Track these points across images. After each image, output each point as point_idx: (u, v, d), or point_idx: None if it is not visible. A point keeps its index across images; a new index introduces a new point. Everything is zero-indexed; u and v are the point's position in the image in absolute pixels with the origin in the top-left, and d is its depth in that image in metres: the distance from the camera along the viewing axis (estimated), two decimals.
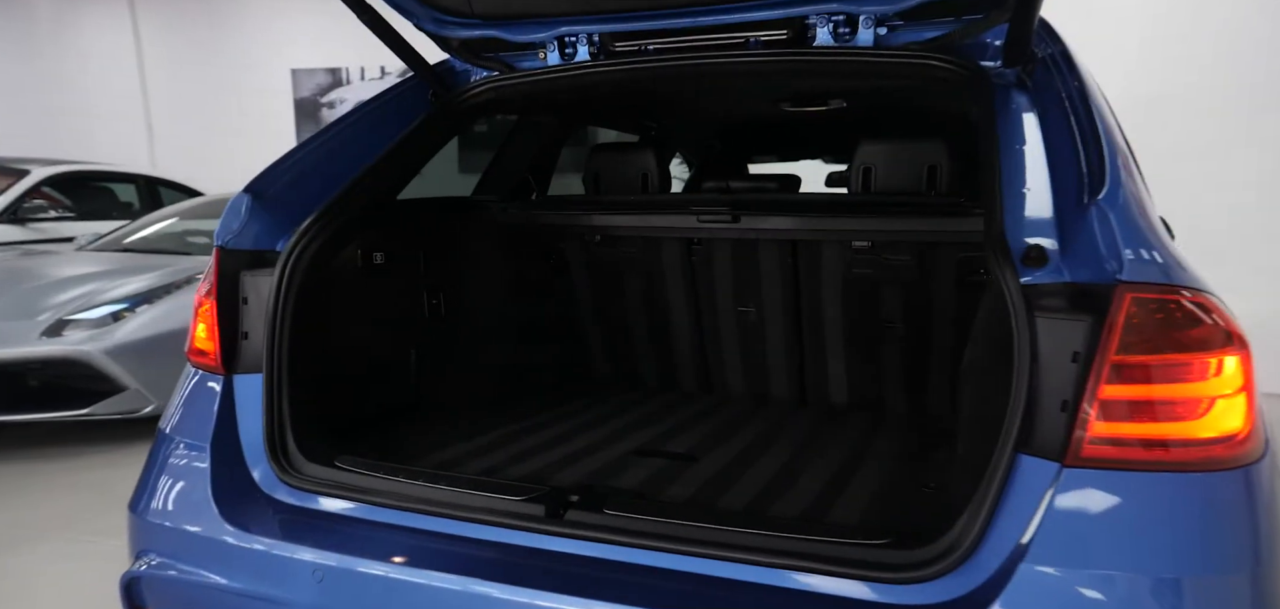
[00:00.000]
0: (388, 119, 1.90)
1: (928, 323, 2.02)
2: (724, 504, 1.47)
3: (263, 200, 1.66)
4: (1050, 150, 1.24)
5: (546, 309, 2.56)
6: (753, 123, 2.70)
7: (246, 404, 1.57)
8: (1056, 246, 1.11)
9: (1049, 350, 1.03)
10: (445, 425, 2.04)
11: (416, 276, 2.11)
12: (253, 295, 1.60)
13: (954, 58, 1.44)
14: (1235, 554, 0.99)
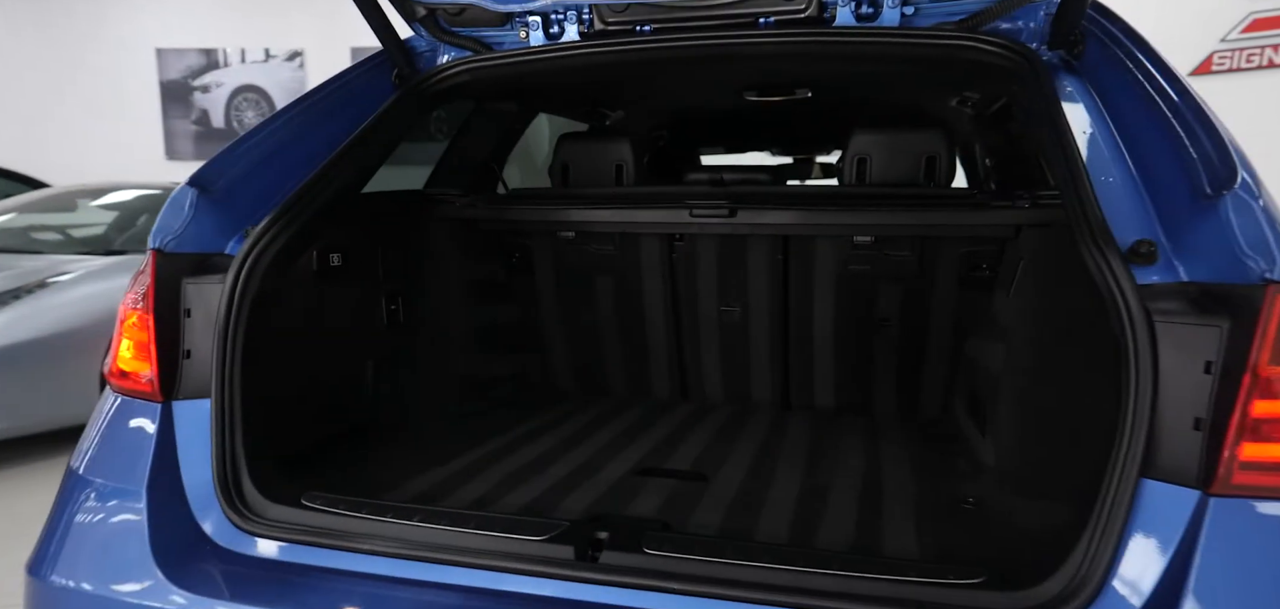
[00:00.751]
0: (348, 103, 1.68)
1: (925, 322, 2.02)
2: (763, 533, 1.35)
3: (210, 195, 1.41)
4: (1128, 137, 1.18)
5: (511, 313, 2.38)
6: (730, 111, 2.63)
7: (190, 437, 1.32)
8: (1166, 243, 1.04)
9: (1174, 360, 0.94)
10: (411, 448, 1.83)
11: (374, 280, 1.89)
12: (197, 307, 1.36)
13: (999, 40, 1.36)
14: None
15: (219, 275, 1.36)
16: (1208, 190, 0.99)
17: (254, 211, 1.48)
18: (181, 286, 1.36)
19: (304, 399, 1.63)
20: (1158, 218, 1.08)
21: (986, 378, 1.69)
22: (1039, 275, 1.59)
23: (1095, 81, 1.28)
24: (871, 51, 1.50)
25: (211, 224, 1.42)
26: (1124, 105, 1.22)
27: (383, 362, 1.88)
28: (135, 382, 1.35)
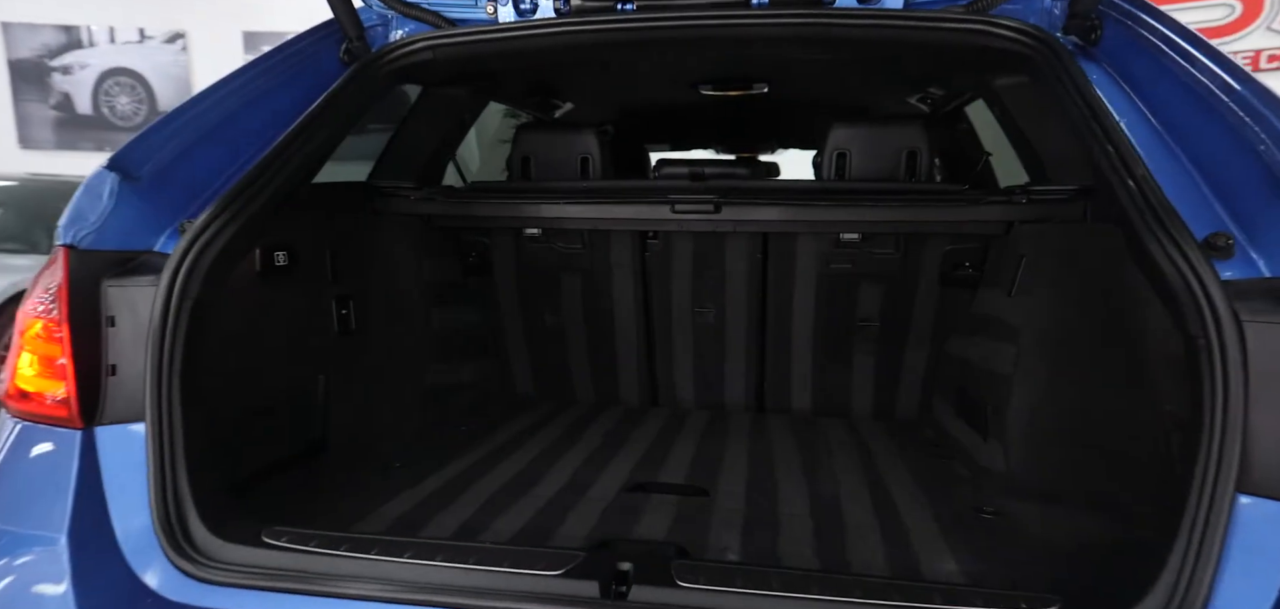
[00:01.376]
0: (294, 78, 1.49)
1: (907, 321, 2.02)
2: (790, 556, 1.26)
3: (134, 182, 1.20)
4: (1170, 124, 1.13)
5: (469, 317, 2.22)
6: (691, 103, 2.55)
7: (120, 470, 1.12)
8: (1241, 236, 0.97)
9: (1266, 361, 0.87)
10: (372, 470, 1.65)
11: (323, 282, 1.69)
12: (124, 314, 1.15)
13: (1015, 24, 1.32)
14: None
15: (150, 276, 1.16)
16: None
17: (188, 201, 1.28)
18: (102, 290, 1.15)
19: (249, 419, 1.43)
20: (1225, 210, 1.02)
21: (988, 380, 1.67)
22: (1049, 274, 1.58)
23: (1120, 68, 1.24)
24: (876, 35, 1.42)
25: (137, 216, 1.21)
26: (1161, 91, 1.17)
27: (335, 373, 1.69)
28: (42, 404, 1.12)
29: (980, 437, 1.68)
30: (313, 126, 1.42)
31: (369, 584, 1.02)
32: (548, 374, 2.32)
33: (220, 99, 1.36)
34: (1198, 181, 1.06)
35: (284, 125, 1.44)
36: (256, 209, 1.28)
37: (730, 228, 1.95)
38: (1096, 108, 1.17)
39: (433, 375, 2.02)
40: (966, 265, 1.91)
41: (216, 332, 1.25)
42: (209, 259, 1.19)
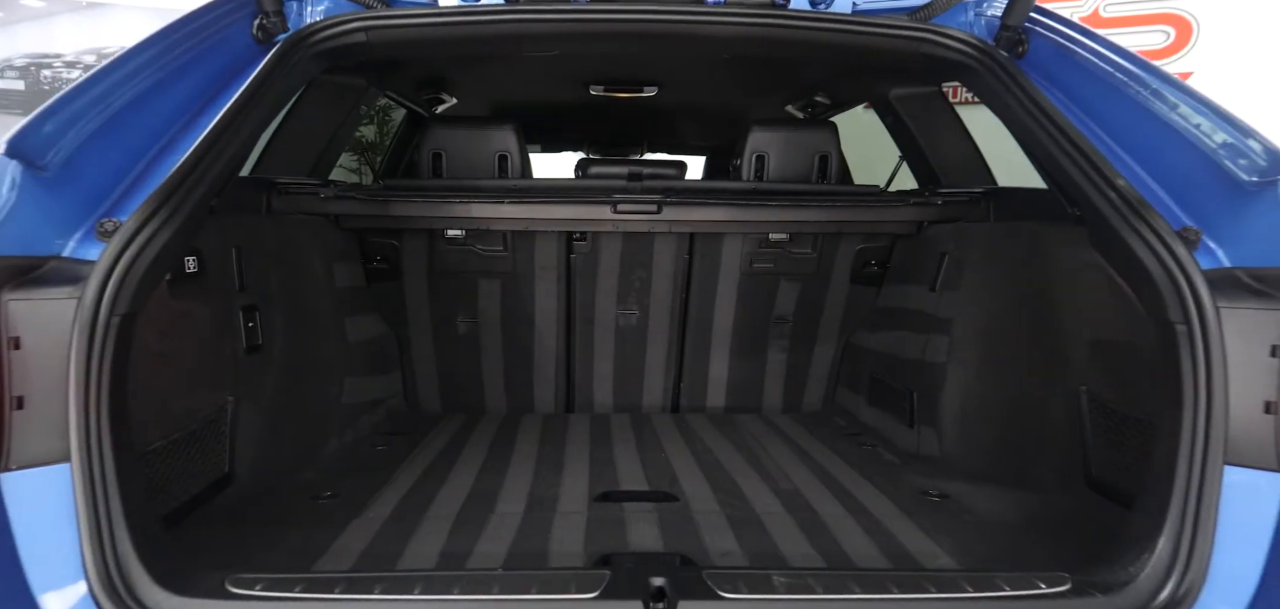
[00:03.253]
0: (203, 57, 1.33)
1: (818, 317, 2.22)
2: (794, 554, 1.32)
3: (39, 173, 1.01)
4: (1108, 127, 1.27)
5: (376, 327, 2.07)
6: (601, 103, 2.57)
7: (33, 524, 0.94)
8: (1207, 228, 1.09)
9: (1240, 344, 0.98)
10: (301, 501, 1.50)
11: (230, 291, 1.50)
12: (31, 333, 0.96)
13: (958, 35, 1.47)
14: None
15: (66, 287, 0.99)
16: (1250, 178, 1.06)
17: (100, 197, 1.11)
18: (3, 305, 0.95)
19: (167, 451, 1.25)
20: (1178, 204, 1.14)
21: (914, 369, 1.88)
22: (976, 270, 1.80)
23: (1049, 75, 1.41)
24: (828, 38, 1.53)
25: (41, 213, 1.02)
26: (1094, 97, 1.32)
27: (246, 391, 1.51)
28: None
29: (902, 423, 1.90)
30: (242, 115, 1.28)
31: None
32: (455, 385, 2.23)
33: (125, 78, 1.18)
34: (1145, 179, 1.20)
35: (195, 109, 1.29)
36: (190, 209, 1.13)
37: (665, 228, 2.03)
38: (1052, 113, 1.32)
39: (344, 390, 1.87)
40: (873, 263, 2.16)
41: (135, 351, 1.08)
42: (142, 267, 1.04)
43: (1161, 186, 1.19)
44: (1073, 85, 1.40)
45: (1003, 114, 1.47)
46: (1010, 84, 1.41)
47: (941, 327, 1.85)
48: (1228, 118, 1.14)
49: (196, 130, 1.24)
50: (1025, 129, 1.38)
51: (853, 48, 1.56)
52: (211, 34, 1.37)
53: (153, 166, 1.18)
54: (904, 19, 1.53)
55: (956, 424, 1.76)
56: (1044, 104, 1.35)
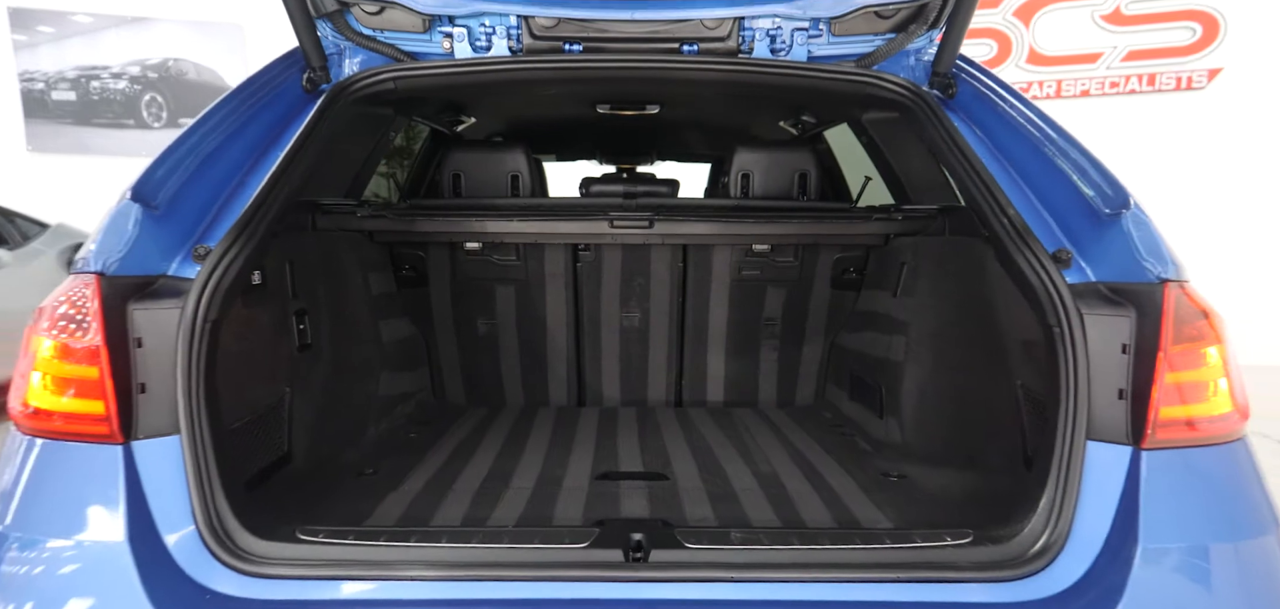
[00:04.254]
0: (265, 107, 1.66)
1: (803, 320, 2.50)
2: (760, 520, 1.58)
3: (152, 211, 1.34)
4: (1012, 163, 1.55)
5: (406, 328, 2.40)
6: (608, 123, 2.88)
7: (157, 481, 1.26)
8: (1076, 249, 1.35)
9: (1099, 344, 1.22)
10: (346, 477, 1.83)
11: (285, 298, 1.84)
12: (150, 335, 1.29)
13: (896, 80, 1.76)
14: (1268, 511, 1.21)
15: (173, 299, 1.31)
16: (1107, 210, 1.33)
17: (194, 227, 1.43)
18: (128, 313, 1.28)
19: (243, 430, 1.58)
20: (1059, 229, 1.40)
21: (881, 367, 2.15)
22: (928, 277, 2.06)
23: (972, 116, 1.70)
24: (786, 83, 1.84)
25: (155, 243, 1.35)
26: (1003, 136, 1.60)
27: (299, 383, 1.84)
28: (74, 423, 1.24)
29: (874, 414, 2.17)
30: (300, 155, 1.60)
31: (419, 568, 1.22)
32: (477, 380, 2.55)
33: (209, 130, 1.51)
34: (1036, 205, 1.48)
35: (260, 150, 1.62)
36: (260, 235, 1.45)
37: (659, 240, 2.32)
38: (964, 148, 1.60)
39: (379, 385, 2.20)
40: (851, 270, 2.43)
41: (222, 349, 1.41)
42: (226, 283, 1.35)
43: (1049, 214, 1.47)
44: (988, 125, 1.67)
45: (930, 147, 1.74)
46: (934, 122, 1.68)
47: (901, 328, 2.11)
48: (1094, 162, 1.41)
49: (263, 169, 1.56)
50: (945, 160, 1.65)
51: (807, 90, 1.85)
52: (270, 88, 1.70)
53: (231, 201, 1.50)
54: (851, 66, 1.82)
55: (914, 415, 2.02)
56: (959, 140, 1.62)
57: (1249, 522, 1.22)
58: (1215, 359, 1.26)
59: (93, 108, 7.52)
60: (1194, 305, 1.28)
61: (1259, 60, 6.96)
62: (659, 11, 1.79)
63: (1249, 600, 1.17)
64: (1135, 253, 1.29)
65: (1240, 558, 1.19)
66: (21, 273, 4.90)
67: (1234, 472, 1.25)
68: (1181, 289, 1.27)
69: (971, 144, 1.65)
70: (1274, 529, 1.22)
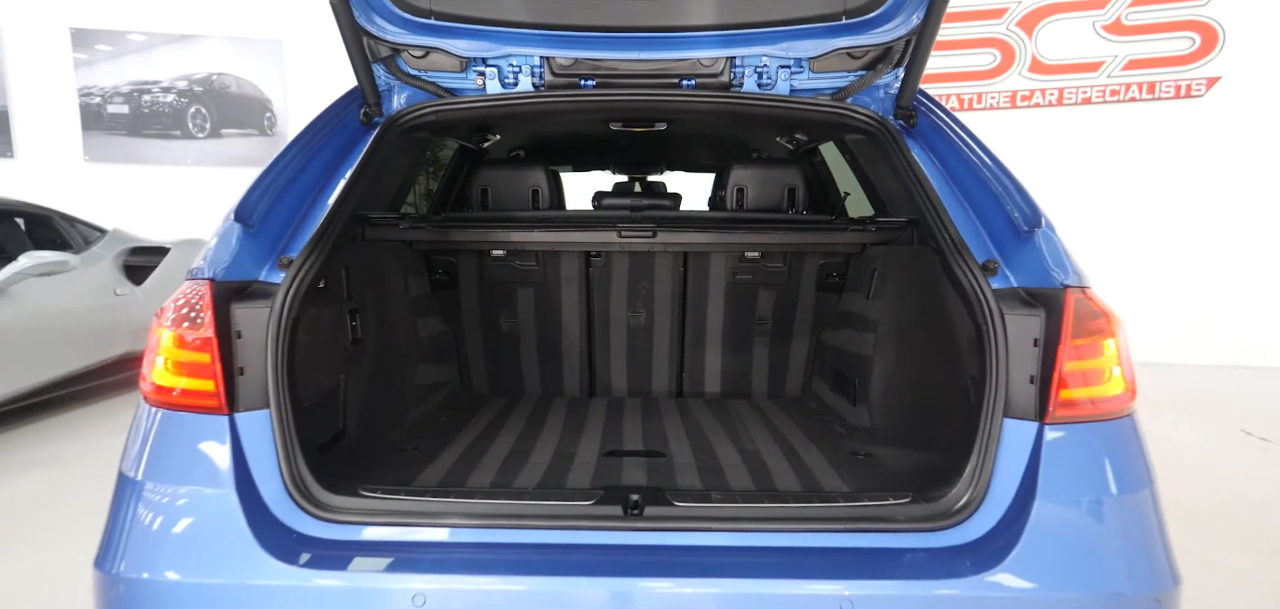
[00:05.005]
0: (330, 139, 1.98)
1: (792, 319, 2.78)
2: (739, 486, 1.86)
3: (248, 229, 1.67)
4: (959, 185, 1.79)
5: (438, 325, 2.73)
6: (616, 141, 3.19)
7: (253, 445, 1.58)
8: (1002, 258, 1.58)
9: (1016, 338, 1.45)
10: (391, 452, 2.15)
11: (342, 300, 2.17)
12: (247, 329, 1.60)
13: (865, 112, 2.00)
14: (1144, 473, 1.46)
15: (264, 301, 1.62)
16: (1025, 228, 1.56)
17: (277, 241, 1.75)
18: (231, 311, 1.60)
19: (312, 409, 1.90)
20: (991, 242, 1.64)
21: (855, 361, 2.43)
22: (894, 282, 2.32)
23: (928, 144, 1.95)
24: (771, 114, 2.11)
25: (250, 254, 1.67)
26: (952, 162, 1.82)
27: (351, 372, 2.17)
28: (191, 398, 1.56)
29: (850, 403, 2.45)
30: (360, 178, 1.92)
31: (455, 517, 1.51)
32: (501, 372, 2.87)
33: (288, 160, 1.83)
34: (975, 223, 1.71)
35: (327, 174, 1.94)
36: (329, 248, 1.77)
37: (661, 248, 2.62)
38: (917, 171, 1.86)
39: (417, 374, 2.52)
40: (833, 275, 2.71)
41: (298, 342, 1.73)
42: (303, 288, 1.67)
43: (984, 229, 1.71)
44: (941, 152, 1.92)
45: (891, 169, 2.01)
46: (896, 148, 1.93)
47: (872, 326, 2.38)
48: (1019, 187, 1.66)
49: (330, 191, 1.88)
50: (903, 182, 1.92)
51: (789, 118, 2.11)
52: (334, 123, 2.02)
53: (305, 218, 1.82)
54: (827, 99, 2.09)
55: (881, 402, 2.29)
56: (914, 164, 1.87)
57: (1129, 479, 1.45)
58: (1111, 350, 1.50)
59: (144, 120, 7.98)
60: (1093, 306, 1.51)
61: (1256, 70, 7.09)
62: (661, 52, 2.08)
63: (1123, 540, 1.42)
64: (1045, 264, 1.54)
65: (1118, 508, 1.43)
66: (86, 274, 5.32)
67: (1120, 439, 1.48)
68: (1082, 293, 1.51)
69: (926, 168, 1.90)
70: (1149, 485, 1.46)
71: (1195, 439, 4.56)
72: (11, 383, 4.48)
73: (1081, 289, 1.53)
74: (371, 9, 1.97)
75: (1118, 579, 1.37)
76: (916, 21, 1.93)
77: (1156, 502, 1.47)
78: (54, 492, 3.59)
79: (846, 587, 1.35)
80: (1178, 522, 2.95)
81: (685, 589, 1.38)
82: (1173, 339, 7.37)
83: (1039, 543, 1.38)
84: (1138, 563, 1.40)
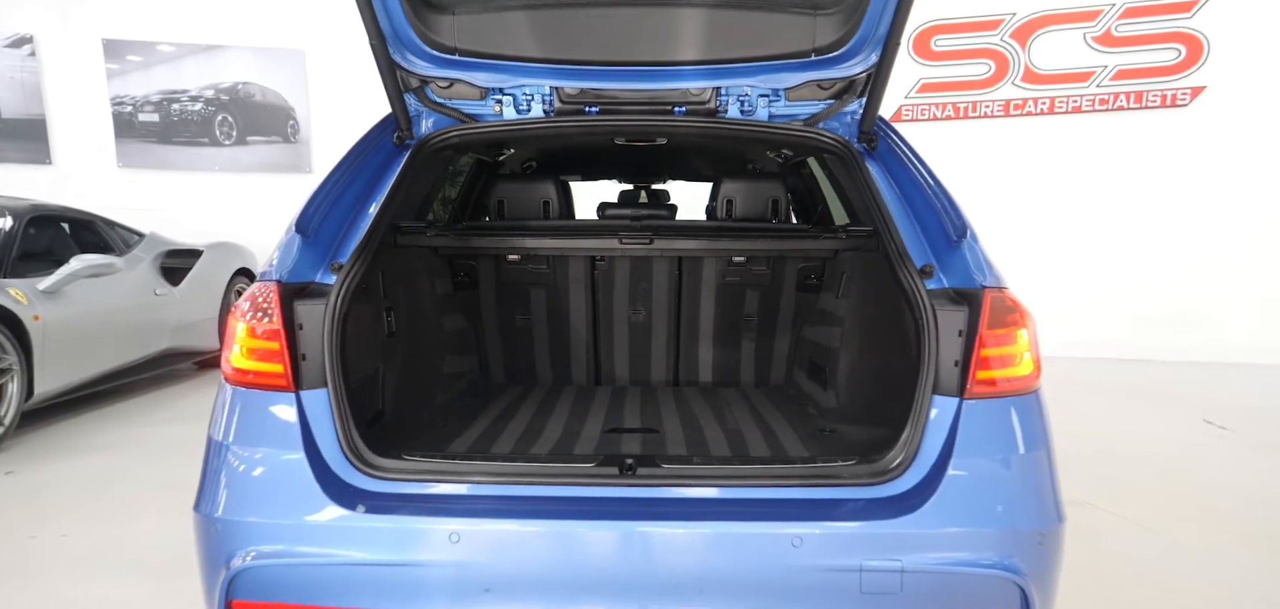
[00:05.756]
0: (368, 160, 2.32)
1: (775, 317, 3.11)
2: (715, 454, 2.17)
3: (306, 239, 2.00)
4: (907, 201, 2.09)
5: (461, 322, 3.07)
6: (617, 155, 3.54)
7: (315, 417, 1.91)
8: (937, 264, 1.86)
9: (946, 331, 1.71)
10: (423, 428, 2.48)
11: (378, 297, 2.51)
12: (307, 322, 1.94)
13: (832, 135, 2.30)
14: (1042, 437, 1.72)
15: (320, 299, 1.95)
16: (954, 238, 1.83)
17: (329, 247, 2.09)
18: (294, 307, 1.94)
19: (358, 390, 2.24)
20: (934, 251, 1.91)
21: (827, 353, 2.76)
22: (858, 283, 2.65)
23: (885, 164, 2.25)
24: (751, 136, 2.41)
25: (308, 260, 2.01)
26: (903, 181, 2.09)
27: (387, 361, 2.50)
28: (262, 379, 1.90)
29: (821, 388, 2.77)
30: (396, 194, 2.26)
31: (482, 475, 1.84)
32: (516, 363, 3.20)
33: (336, 179, 2.16)
34: (918, 233, 1.98)
35: (368, 190, 2.27)
36: (371, 254, 2.11)
37: (658, 253, 2.95)
38: (873, 188, 2.16)
39: (445, 366, 2.86)
40: (811, 277, 3.03)
41: (347, 333, 2.07)
42: (351, 288, 2.00)
43: (924, 239, 2.00)
44: (895, 171, 2.22)
45: (853, 185, 2.34)
46: (857, 167, 2.25)
47: (840, 322, 2.70)
48: (953, 203, 1.95)
49: (370, 204, 2.22)
50: (861, 197, 2.24)
51: (769, 140, 2.43)
52: (373, 145, 2.36)
53: (351, 228, 2.14)
54: (799, 125, 2.41)
55: (846, 386, 2.61)
56: (871, 182, 2.17)
57: (1029, 442, 1.72)
58: (1023, 339, 1.80)
59: (173, 128, 8.38)
60: (1007, 302, 1.78)
61: (1239, 80, 7.35)
62: (656, 83, 2.41)
63: (1020, 488, 1.72)
64: (969, 268, 1.82)
65: (1018, 463, 1.70)
66: (129, 276, 5.70)
67: (1025, 410, 1.75)
68: (998, 292, 1.77)
69: (882, 185, 2.20)
70: (1045, 446, 1.73)
71: (1159, 428, 4.85)
72: (67, 376, 4.86)
73: (998, 289, 1.82)
74: (404, 47, 2.30)
75: (1012, 518, 1.68)
76: (874, 59, 2.25)
77: (1051, 459, 1.77)
78: (120, 471, 3.97)
79: (799, 527, 1.67)
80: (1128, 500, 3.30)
81: (668, 531, 1.70)
82: (1151, 336, 7.64)
83: (953, 491, 1.69)
84: (1030, 506, 1.71)
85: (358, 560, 1.73)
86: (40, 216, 5.29)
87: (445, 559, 1.72)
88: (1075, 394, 5.73)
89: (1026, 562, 1.66)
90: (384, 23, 2.19)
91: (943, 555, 1.66)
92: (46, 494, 3.65)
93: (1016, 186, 7.89)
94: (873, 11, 2.11)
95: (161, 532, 3.12)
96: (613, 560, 1.69)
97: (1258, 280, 7.45)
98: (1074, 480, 3.68)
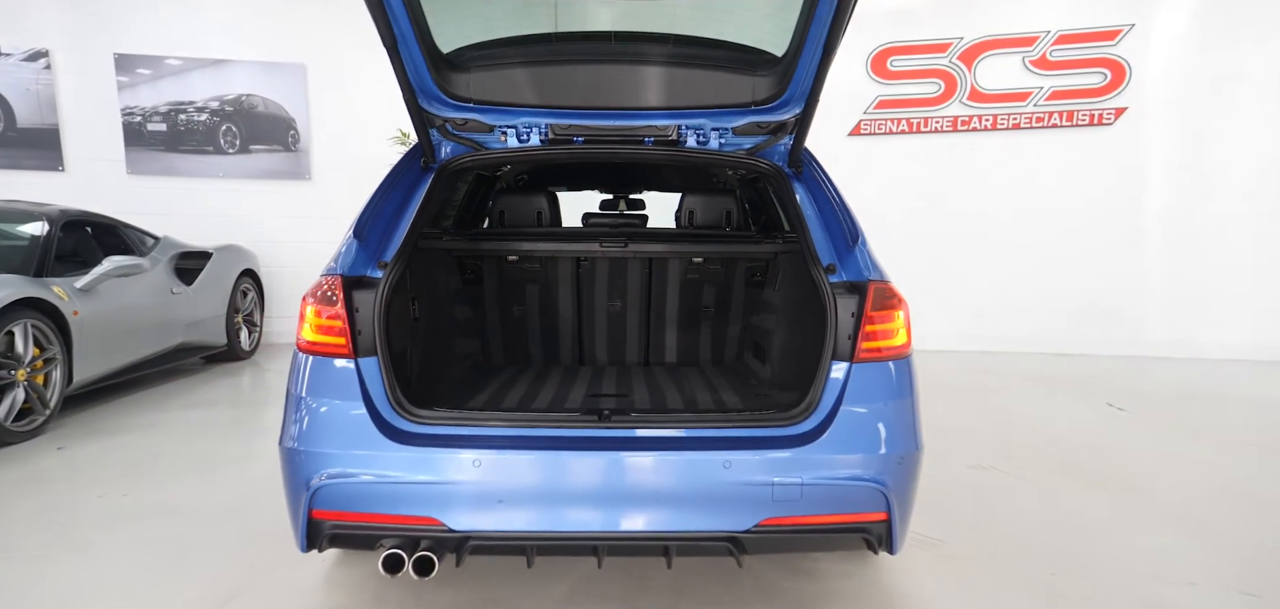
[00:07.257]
0: (401, 181, 2.93)
1: (727, 308, 3.75)
2: (673, 409, 2.85)
3: (360, 241, 2.61)
4: (819, 214, 2.75)
5: (469, 312, 3.68)
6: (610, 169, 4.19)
7: (369, 378, 2.52)
8: (838, 263, 2.43)
9: (843, 313, 2.21)
10: (443, 394, 3.09)
11: (406, 291, 3.11)
12: (360, 307, 2.54)
13: (768, 162, 2.92)
14: (909, 388, 2.25)
15: (371, 290, 2.56)
16: (850, 242, 2.38)
17: (377, 250, 2.69)
18: (351, 295, 2.54)
19: (394, 362, 2.84)
20: (836, 253, 2.41)
21: (766, 334, 3.41)
22: (787, 279, 3.33)
23: (807, 186, 2.88)
24: (704, 162, 3.11)
25: (361, 259, 2.62)
26: (819, 198, 2.79)
27: (413, 341, 3.11)
28: (329, 349, 2.50)
29: (762, 363, 3.42)
30: (425, 208, 2.87)
31: (501, 420, 2.46)
32: (512, 347, 3.82)
33: (381, 195, 2.77)
34: (827, 239, 2.63)
35: (404, 204, 2.88)
36: (407, 256, 2.71)
37: (632, 255, 3.59)
38: (795, 205, 2.76)
39: (456, 347, 3.47)
40: (757, 275, 3.68)
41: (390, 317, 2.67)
42: (393, 282, 2.60)
43: (830, 244, 2.62)
44: (814, 191, 2.88)
45: (781, 202, 2.99)
46: (785, 188, 2.91)
47: (774, 310, 3.36)
48: (851, 217, 2.61)
49: (407, 215, 2.83)
50: (788, 212, 2.89)
51: (719, 164, 3.11)
52: (405, 169, 2.97)
53: (391, 233, 2.74)
54: (743, 153, 3.06)
55: (778, 360, 3.26)
56: (794, 199, 2.83)
57: (898, 392, 2.26)
58: (900, 319, 2.44)
59: (180, 137, 8.87)
60: (888, 291, 2.44)
61: (1155, 101, 8.15)
62: (630, 122, 3.04)
63: (892, 424, 2.32)
64: (859, 265, 2.39)
65: (889, 408, 2.33)
66: (151, 275, 6.22)
67: (898, 370, 2.29)
68: (881, 284, 2.46)
69: (805, 202, 2.88)
70: (910, 395, 2.36)
71: (1064, 408, 5.58)
72: (101, 365, 5.39)
73: (881, 281, 2.47)
74: (429, 98, 2.92)
75: (881, 446, 2.33)
76: (799, 109, 2.91)
77: (915, 404, 2.41)
78: (154, 449, 4.52)
79: (730, 455, 2.32)
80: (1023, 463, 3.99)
81: (634, 459, 2.33)
82: (1084, 332, 8.41)
83: (841, 428, 2.33)
84: (896, 437, 2.35)
85: (404, 480, 2.32)
86: (70, 221, 5.79)
87: (469, 480, 2.33)
88: (1013, 383, 6.48)
89: (890, 477, 2.30)
90: (414, 80, 2.80)
91: (831, 473, 2.30)
92: (98, 465, 4.20)
93: (963, 196, 8.63)
94: (799, 76, 2.78)
95: (203, 492, 3.71)
96: (593, 480, 2.32)
97: (1172, 281, 8.25)
98: (984, 450, 4.38)
